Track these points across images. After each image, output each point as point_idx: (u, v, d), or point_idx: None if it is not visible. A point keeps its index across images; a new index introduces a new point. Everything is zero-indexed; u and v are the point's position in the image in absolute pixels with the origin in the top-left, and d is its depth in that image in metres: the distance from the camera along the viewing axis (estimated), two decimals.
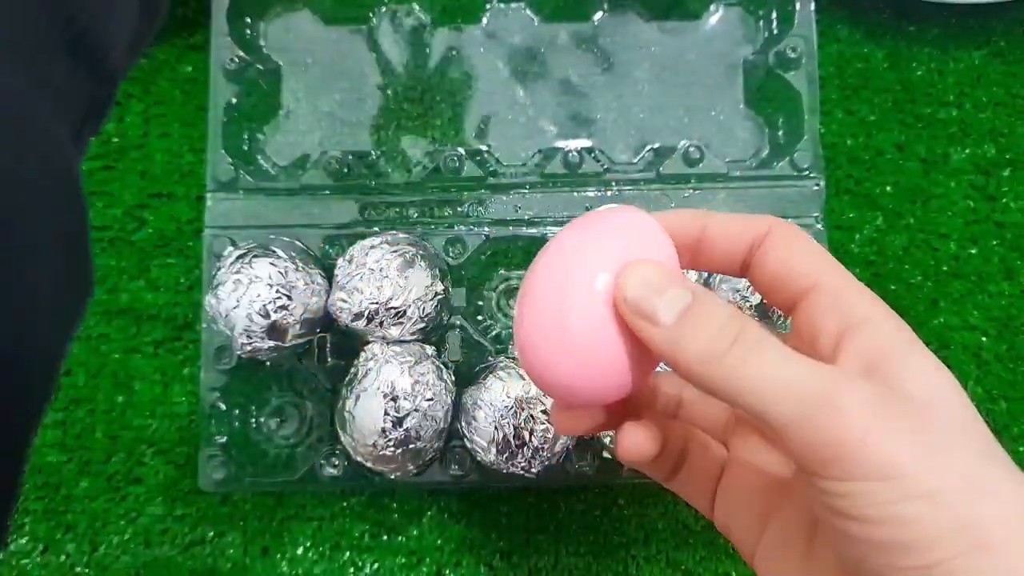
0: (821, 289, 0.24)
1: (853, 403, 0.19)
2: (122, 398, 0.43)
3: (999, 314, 0.44)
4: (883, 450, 0.19)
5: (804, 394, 0.20)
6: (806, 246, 0.25)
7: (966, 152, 0.45)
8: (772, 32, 0.44)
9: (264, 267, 0.37)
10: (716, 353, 0.21)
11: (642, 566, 0.42)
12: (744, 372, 0.20)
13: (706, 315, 0.21)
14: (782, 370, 0.20)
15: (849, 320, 0.23)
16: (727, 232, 0.25)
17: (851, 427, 0.19)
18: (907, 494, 0.19)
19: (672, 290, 0.22)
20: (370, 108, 0.44)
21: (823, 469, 0.20)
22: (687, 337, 0.21)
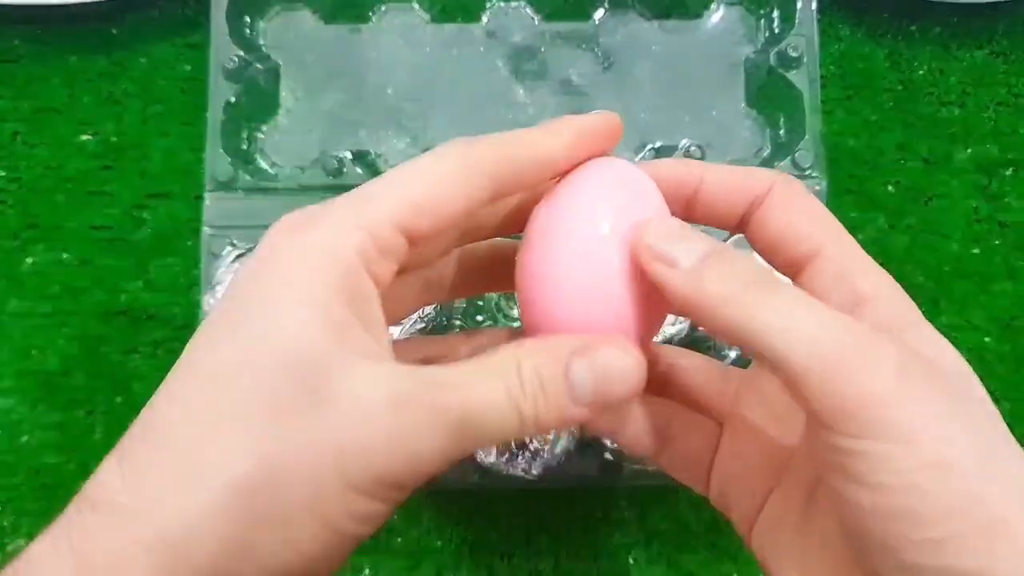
0: (825, 258, 0.23)
1: (882, 358, 0.19)
2: (121, 399, 0.43)
3: (1001, 314, 0.44)
4: (905, 412, 0.18)
5: (831, 343, 0.19)
6: (810, 208, 0.24)
7: (968, 152, 0.45)
8: (773, 31, 0.43)
9: None
10: (738, 293, 0.20)
11: (643, 568, 0.41)
12: (767, 314, 0.19)
13: (728, 260, 0.21)
14: (808, 315, 0.19)
15: (855, 296, 0.22)
16: (726, 185, 0.25)
17: (877, 383, 0.18)
18: (924, 461, 0.18)
19: (694, 238, 0.21)
20: (370, 107, 0.44)
21: (840, 423, 0.19)
22: (708, 278, 0.20)
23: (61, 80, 0.46)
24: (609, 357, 0.21)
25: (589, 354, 0.21)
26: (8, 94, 0.46)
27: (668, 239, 0.21)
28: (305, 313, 0.20)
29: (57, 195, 0.45)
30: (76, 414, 0.43)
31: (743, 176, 0.25)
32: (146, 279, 0.44)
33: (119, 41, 0.46)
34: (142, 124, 0.45)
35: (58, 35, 0.46)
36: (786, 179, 0.24)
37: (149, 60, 0.46)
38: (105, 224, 0.45)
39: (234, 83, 0.42)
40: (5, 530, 0.42)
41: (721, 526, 0.42)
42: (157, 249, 0.44)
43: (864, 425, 0.18)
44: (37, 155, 0.45)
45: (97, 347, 0.43)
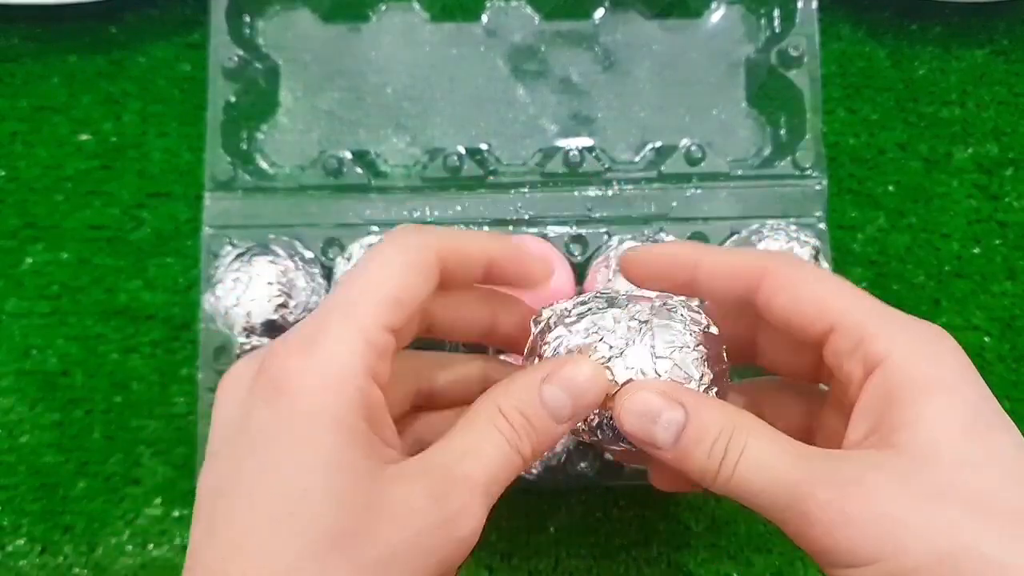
0: (839, 333, 0.23)
1: (816, 505, 0.21)
2: (120, 398, 0.43)
3: (1002, 314, 0.44)
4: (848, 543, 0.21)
5: (779, 499, 0.22)
6: (811, 284, 0.24)
7: (969, 151, 0.45)
8: (774, 30, 0.43)
9: (263, 265, 0.37)
10: (711, 472, 0.22)
11: (643, 568, 0.41)
12: (732, 486, 0.22)
13: (699, 434, 0.23)
14: (760, 477, 0.22)
15: (870, 364, 0.23)
16: (718, 273, 0.26)
17: (817, 527, 0.21)
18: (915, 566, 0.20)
19: (666, 413, 0.23)
20: (369, 107, 0.44)
21: (815, 558, 0.22)
22: (687, 460, 0.23)
23: (60, 79, 0.46)
24: (572, 372, 0.23)
25: (555, 377, 0.23)
26: (7, 93, 0.46)
27: (643, 421, 0.23)
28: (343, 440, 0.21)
29: (56, 195, 0.45)
30: (75, 414, 0.43)
31: (737, 260, 0.26)
32: (145, 279, 0.44)
33: (118, 40, 0.46)
34: (141, 123, 0.45)
35: (57, 34, 0.46)
36: (779, 258, 0.25)
37: (148, 59, 0.46)
38: (104, 224, 0.45)
39: (233, 83, 0.42)
40: (5, 530, 0.42)
41: (721, 526, 0.42)
42: (156, 249, 0.44)
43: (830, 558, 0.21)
44: (36, 154, 0.45)
45: (96, 347, 0.43)
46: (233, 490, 0.21)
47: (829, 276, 0.25)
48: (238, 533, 0.20)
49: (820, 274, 0.25)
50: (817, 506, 0.21)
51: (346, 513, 0.20)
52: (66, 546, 0.42)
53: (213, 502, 0.21)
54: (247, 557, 0.20)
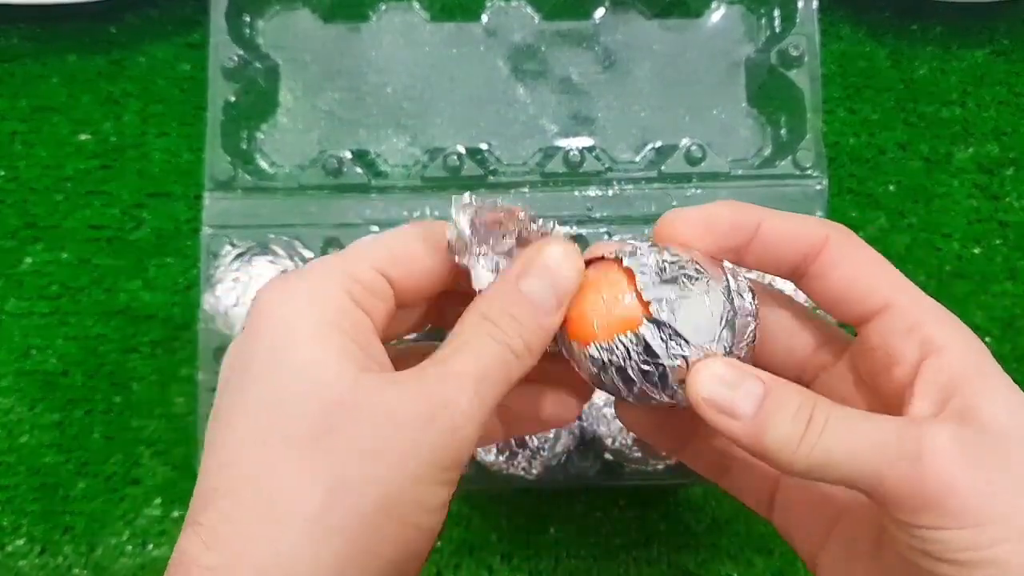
0: (894, 312, 0.23)
1: (935, 454, 0.20)
2: (120, 398, 0.43)
3: (1003, 314, 0.44)
4: (971, 498, 0.20)
5: (884, 456, 0.21)
6: (871, 261, 0.24)
7: (969, 151, 0.45)
8: (774, 30, 0.43)
9: (263, 265, 0.37)
10: (795, 438, 0.21)
11: (643, 568, 0.41)
12: (820, 451, 0.21)
13: (780, 403, 0.22)
14: (858, 438, 0.21)
15: (927, 348, 0.23)
16: (783, 234, 0.25)
17: (936, 480, 0.20)
18: (1000, 537, 0.19)
19: (745, 383, 0.22)
20: (369, 107, 0.44)
21: (915, 519, 0.20)
22: (767, 429, 0.22)
23: (60, 79, 0.46)
24: (544, 259, 0.23)
25: (529, 269, 0.23)
26: (7, 93, 0.46)
27: (723, 389, 0.22)
28: (319, 349, 0.21)
29: (56, 195, 0.45)
30: (75, 414, 0.43)
31: (800, 225, 0.25)
32: (145, 279, 0.44)
33: (118, 40, 0.46)
34: (141, 123, 0.45)
35: (57, 34, 0.46)
36: (842, 231, 0.25)
37: (148, 60, 0.46)
38: (104, 224, 0.44)
39: (233, 83, 0.42)
40: (5, 530, 0.42)
41: (721, 526, 0.42)
42: (156, 249, 0.44)
43: (937, 518, 0.20)
44: (36, 154, 0.45)
45: (96, 347, 0.43)
46: (226, 414, 0.22)
47: (884, 260, 0.25)
48: (231, 451, 0.21)
49: (877, 255, 0.25)
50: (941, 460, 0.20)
51: (323, 413, 0.21)
52: (66, 546, 0.42)
53: (212, 429, 0.22)
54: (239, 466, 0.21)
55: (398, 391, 0.21)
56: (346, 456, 0.21)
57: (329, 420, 0.21)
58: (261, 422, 0.21)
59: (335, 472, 0.20)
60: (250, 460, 0.21)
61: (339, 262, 0.23)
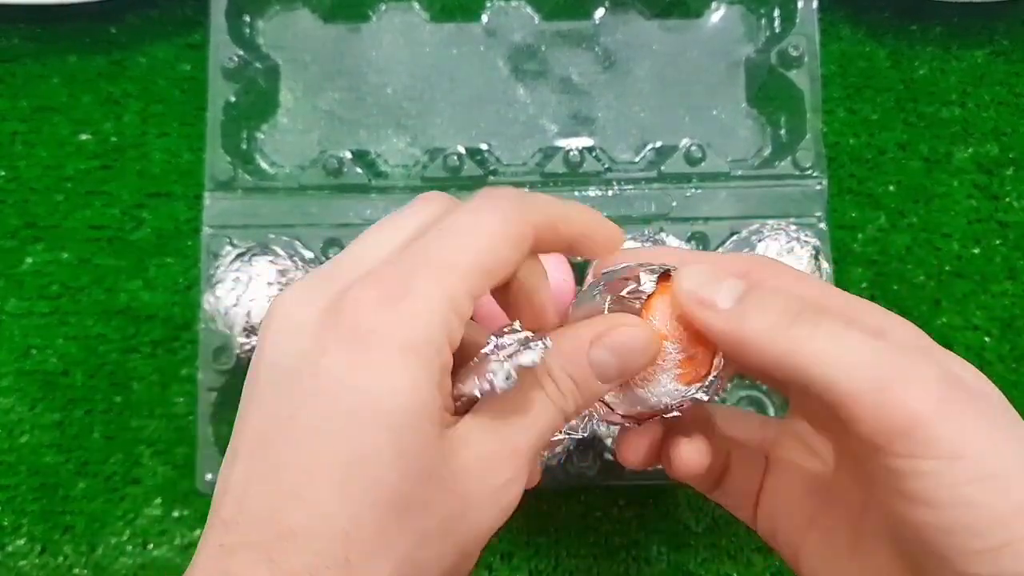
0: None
1: (926, 379, 0.19)
2: (120, 398, 0.43)
3: (1002, 314, 0.44)
4: (954, 428, 0.19)
5: (875, 366, 0.20)
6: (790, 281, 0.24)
7: (969, 151, 0.45)
8: (774, 30, 0.43)
9: (264, 265, 0.37)
10: (781, 327, 0.21)
11: (643, 568, 0.41)
12: (811, 344, 0.20)
13: (767, 295, 0.21)
14: (850, 342, 0.20)
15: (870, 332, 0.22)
16: None
17: (924, 401, 0.19)
18: (976, 475, 0.19)
19: (728, 280, 0.22)
20: (369, 107, 0.44)
21: (892, 444, 0.19)
22: (750, 316, 0.21)
23: (61, 80, 0.46)
24: (624, 336, 0.22)
25: (605, 339, 0.22)
26: (7, 93, 0.46)
27: (705, 282, 0.22)
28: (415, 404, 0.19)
29: (56, 195, 0.45)
30: (75, 413, 0.43)
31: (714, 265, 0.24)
32: (145, 279, 0.44)
33: (119, 41, 0.46)
34: (141, 124, 0.45)
35: (57, 34, 0.46)
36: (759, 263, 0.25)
37: (148, 60, 0.46)
38: (104, 224, 0.45)
39: (233, 83, 0.42)
40: (5, 530, 0.42)
41: (721, 526, 0.42)
42: (156, 249, 0.44)
43: (914, 444, 0.19)
44: (36, 155, 0.45)
45: (96, 347, 0.43)
46: (290, 435, 0.19)
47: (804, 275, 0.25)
48: (294, 482, 0.19)
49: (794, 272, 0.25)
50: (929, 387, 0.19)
51: (411, 481, 0.19)
52: (66, 546, 0.42)
53: (263, 447, 0.20)
54: (305, 506, 0.19)
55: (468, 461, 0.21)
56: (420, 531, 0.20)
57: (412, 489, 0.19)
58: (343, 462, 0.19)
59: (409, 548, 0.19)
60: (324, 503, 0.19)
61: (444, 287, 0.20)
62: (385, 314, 0.20)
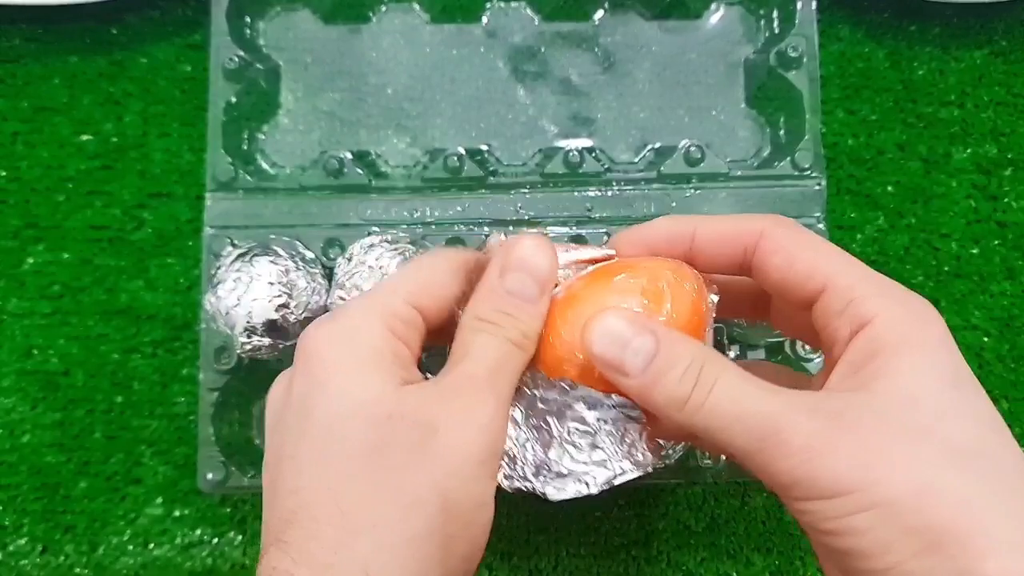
0: (830, 292, 0.24)
1: (797, 433, 0.21)
2: (121, 398, 0.43)
3: (1001, 314, 0.44)
4: (828, 472, 0.21)
5: (754, 428, 0.21)
6: (805, 246, 0.25)
7: (968, 152, 0.45)
8: (773, 31, 0.43)
9: (264, 265, 0.37)
10: (681, 399, 0.22)
11: (643, 567, 0.41)
12: (704, 415, 0.22)
13: (670, 362, 0.23)
14: (734, 407, 0.22)
15: (858, 323, 0.23)
16: (717, 237, 0.26)
17: (796, 456, 0.21)
18: (858, 507, 0.20)
19: (636, 339, 0.23)
20: (370, 107, 0.44)
21: (784, 492, 0.22)
22: (655, 387, 0.23)
23: (61, 80, 0.46)
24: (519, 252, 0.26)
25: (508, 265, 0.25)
26: (8, 94, 0.46)
27: (613, 346, 0.23)
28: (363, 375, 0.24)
29: (57, 195, 0.45)
30: (76, 413, 0.43)
31: (733, 225, 0.26)
32: (146, 279, 0.44)
33: (119, 41, 0.46)
34: (142, 124, 0.45)
35: (58, 35, 0.46)
36: (776, 222, 0.26)
37: (149, 60, 0.46)
38: (105, 224, 0.45)
39: (234, 83, 0.42)
40: (6, 530, 0.42)
41: (720, 525, 0.42)
42: (157, 249, 0.44)
43: (800, 491, 0.21)
44: (37, 155, 0.45)
45: (97, 347, 0.43)
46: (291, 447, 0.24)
47: (822, 240, 0.25)
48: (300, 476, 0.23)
49: (814, 237, 0.25)
50: (799, 434, 0.21)
51: (374, 427, 0.23)
52: (67, 546, 0.42)
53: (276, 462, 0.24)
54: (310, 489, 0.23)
55: (433, 398, 0.24)
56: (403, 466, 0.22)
57: (380, 433, 0.23)
58: (320, 446, 0.23)
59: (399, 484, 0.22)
60: (318, 481, 0.23)
61: (377, 299, 0.25)
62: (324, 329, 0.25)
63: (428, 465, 0.23)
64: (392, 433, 0.23)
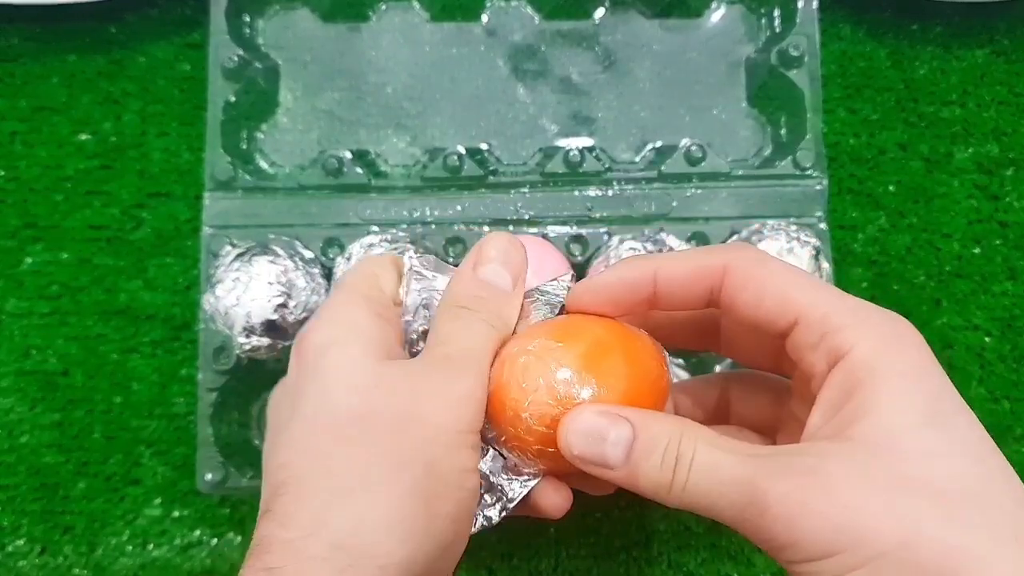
0: (803, 326, 0.23)
1: (774, 498, 0.21)
2: (120, 398, 0.43)
3: (1002, 314, 0.44)
4: (812, 535, 0.20)
5: (735, 499, 0.22)
6: (774, 279, 0.24)
7: (969, 151, 0.45)
8: (774, 30, 0.43)
9: (263, 265, 0.37)
10: (665, 485, 0.23)
11: (643, 568, 0.41)
12: (688, 494, 0.22)
13: (648, 447, 0.23)
14: (713, 480, 0.22)
15: (834, 355, 0.23)
16: (680, 277, 0.26)
17: (778, 522, 0.21)
18: (850, 566, 0.20)
19: (613, 431, 0.23)
20: (369, 107, 0.44)
21: (777, 555, 0.21)
22: (639, 476, 0.23)
23: (60, 79, 0.46)
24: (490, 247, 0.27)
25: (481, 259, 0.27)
26: (7, 93, 0.46)
27: (592, 444, 0.23)
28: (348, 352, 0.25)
29: (56, 195, 0.45)
30: (75, 414, 0.43)
31: (696, 263, 0.25)
32: (145, 279, 0.44)
33: (118, 40, 0.46)
34: (141, 123, 0.45)
35: (57, 34, 0.46)
36: (740, 255, 0.25)
37: (148, 59, 0.46)
38: (104, 224, 0.44)
39: (233, 82, 0.42)
40: (5, 530, 0.42)
41: (721, 526, 0.41)
42: (156, 249, 0.44)
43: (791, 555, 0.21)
44: (36, 154, 0.45)
45: (96, 347, 0.43)
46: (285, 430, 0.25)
47: (791, 269, 0.25)
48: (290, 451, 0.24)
49: (782, 267, 0.24)
50: (775, 499, 0.21)
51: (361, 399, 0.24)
52: (66, 546, 0.42)
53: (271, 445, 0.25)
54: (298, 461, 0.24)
55: (416, 372, 0.25)
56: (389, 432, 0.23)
57: (367, 401, 0.24)
58: (309, 420, 0.24)
59: (385, 447, 0.23)
60: (306, 449, 0.24)
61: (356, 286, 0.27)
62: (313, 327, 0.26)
63: (412, 431, 0.23)
64: (378, 401, 0.24)
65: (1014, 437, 0.42)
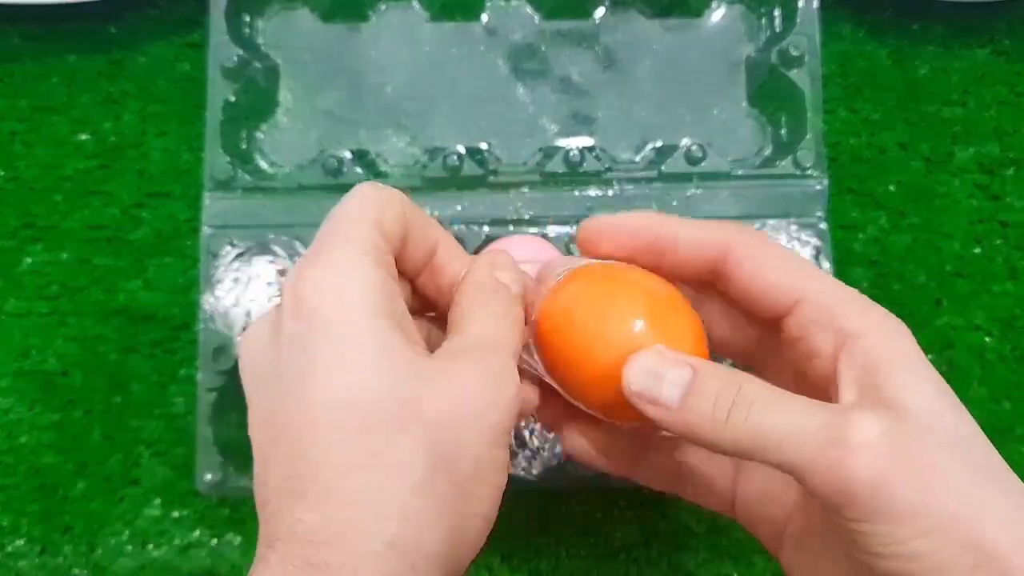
0: (807, 304, 0.24)
1: (858, 447, 0.21)
2: (119, 399, 0.43)
3: (1003, 314, 0.44)
4: (894, 494, 0.20)
5: (809, 441, 0.21)
6: (778, 258, 0.25)
7: (970, 151, 0.45)
8: (775, 30, 0.43)
9: (263, 265, 0.37)
10: (721, 421, 0.22)
11: (643, 568, 0.41)
12: (749, 431, 0.22)
13: (705, 388, 0.23)
14: (784, 420, 0.22)
15: (842, 337, 0.23)
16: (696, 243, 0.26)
17: (859, 473, 0.20)
18: (921, 531, 0.20)
19: (671, 372, 0.23)
20: (369, 106, 0.44)
21: (842, 510, 0.21)
22: (693, 414, 0.23)
23: (59, 79, 0.46)
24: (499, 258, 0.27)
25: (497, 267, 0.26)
26: (6, 93, 0.46)
27: (649, 381, 0.23)
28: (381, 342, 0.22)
29: (55, 194, 0.45)
30: (74, 414, 0.43)
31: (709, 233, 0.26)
32: (144, 279, 0.44)
33: (118, 40, 0.46)
34: (141, 123, 0.45)
35: (56, 34, 0.46)
36: (746, 232, 0.26)
37: (148, 59, 0.46)
38: (103, 224, 0.44)
39: (233, 82, 0.42)
40: (4, 530, 0.42)
41: (721, 526, 0.42)
42: (156, 249, 0.44)
43: (861, 511, 0.21)
44: (35, 154, 0.45)
45: (95, 347, 0.43)
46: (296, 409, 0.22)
47: (792, 253, 0.26)
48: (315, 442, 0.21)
49: (784, 250, 0.26)
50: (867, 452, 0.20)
51: (400, 385, 0.22)
52: (65, 546, 0.42)
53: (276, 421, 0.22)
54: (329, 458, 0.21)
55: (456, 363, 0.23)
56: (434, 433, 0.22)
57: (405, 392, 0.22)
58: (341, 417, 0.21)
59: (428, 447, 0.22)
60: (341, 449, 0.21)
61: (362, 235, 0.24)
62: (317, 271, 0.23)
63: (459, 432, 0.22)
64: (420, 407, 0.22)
65: (1014, 437, 0.42)
